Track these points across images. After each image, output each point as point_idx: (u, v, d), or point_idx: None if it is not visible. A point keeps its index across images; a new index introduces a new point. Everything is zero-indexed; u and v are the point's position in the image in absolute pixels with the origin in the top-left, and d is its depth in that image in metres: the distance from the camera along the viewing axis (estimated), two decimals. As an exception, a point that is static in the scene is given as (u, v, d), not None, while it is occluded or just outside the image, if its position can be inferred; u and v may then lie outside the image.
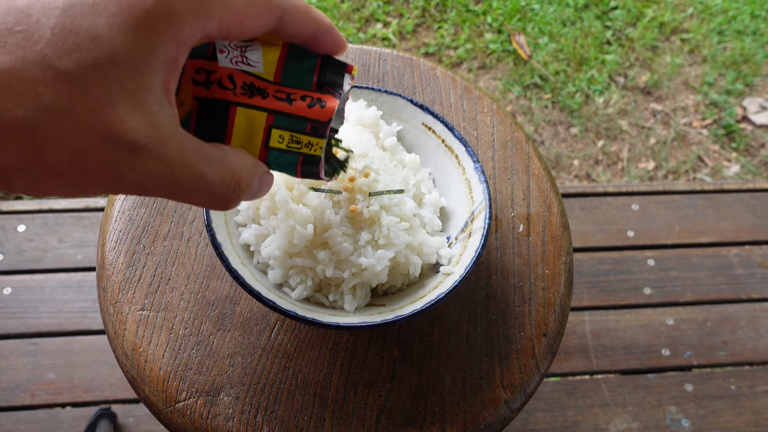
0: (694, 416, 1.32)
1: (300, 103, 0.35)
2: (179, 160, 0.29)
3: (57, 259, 1.38)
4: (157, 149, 0.28)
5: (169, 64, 0.28)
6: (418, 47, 2.04)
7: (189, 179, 0.29)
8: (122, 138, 0.26)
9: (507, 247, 0.66)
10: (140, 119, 0.27)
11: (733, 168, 1.84)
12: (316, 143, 0.36)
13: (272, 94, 0.35)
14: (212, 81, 0.34)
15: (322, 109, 0.35)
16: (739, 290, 1.47)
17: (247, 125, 0.35)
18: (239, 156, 0.33)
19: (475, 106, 0.75)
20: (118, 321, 0.60)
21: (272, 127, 0.35)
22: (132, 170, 0.27)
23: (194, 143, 0.30)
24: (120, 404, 1.25)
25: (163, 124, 0.28)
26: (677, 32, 2.14)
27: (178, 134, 0.29)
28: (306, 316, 0.52)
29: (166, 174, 0.28)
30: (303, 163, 0.36)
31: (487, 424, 0.57)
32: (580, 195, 1.56)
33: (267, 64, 0.35)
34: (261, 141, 0.35)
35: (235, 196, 0.33)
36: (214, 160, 0.31)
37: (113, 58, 0.26)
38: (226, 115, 0.34)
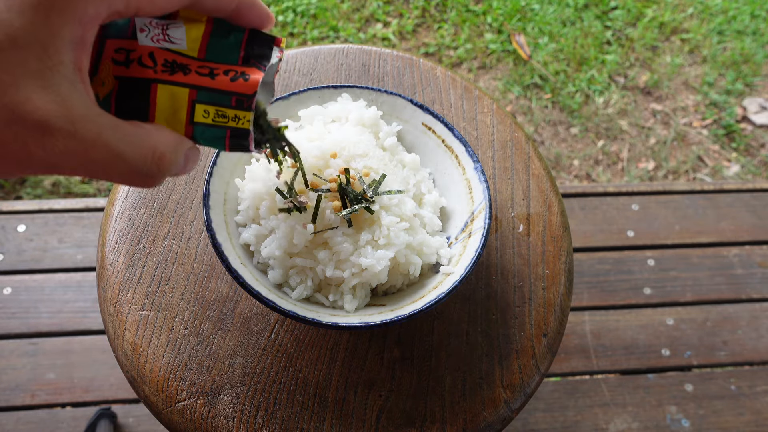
0: (694, 416, 1.32)
1: (223, 78, 0.35)
2: (94, 138, 0.28)
3: (57, 259, 1.38)
4: (68, 128, 0.27)
5: (77, 42, 0.28)
6: (418, 47, 2.04)
7: (105, 157, 0.29)
8: (29, 118, 0.26)
9: (507, 247, 0.66)
10: (48, 99, 0.27)
11: (733, 168, 1.84)
12: (243, 116, 0.35)
13: (195, 70, 0.35)
14: (132, 60, 0.34)
15: (245, 83, 0.35)
16: (739, 290, 1.47)
17: (170, 102, 0.34)
18: (160, 133, 0.33)
19: (475, 106, 0.75)
20: (118, 321, 0.60)
21: (195, 102, 0.35)
22: (42, 149, 0.27)
23: (110, 122, 0.30)
24: (120, 404, 1.25)
25: (74, 103, 0.28)
26: (677, 32, 2.14)
27: (91, 113, 0.29)
28: (306, 316, 0.52)
29: (80, 152, 0.28)
30: (231, 137, 0.36)
31: (487, 424, 0.57)
32: (580, 195, 1.56)
33: (191, 40, 0.35)
34: (185, 117, 0.35)
35: (158, 174, 0.32)
36: (134, 138, 0.31)
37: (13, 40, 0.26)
38: (147, 93, 0.34)
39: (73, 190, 1.65)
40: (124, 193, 0.67)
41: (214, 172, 0.59)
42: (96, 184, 1.67)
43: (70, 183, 1.65)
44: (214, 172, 0.59)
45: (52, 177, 1.65)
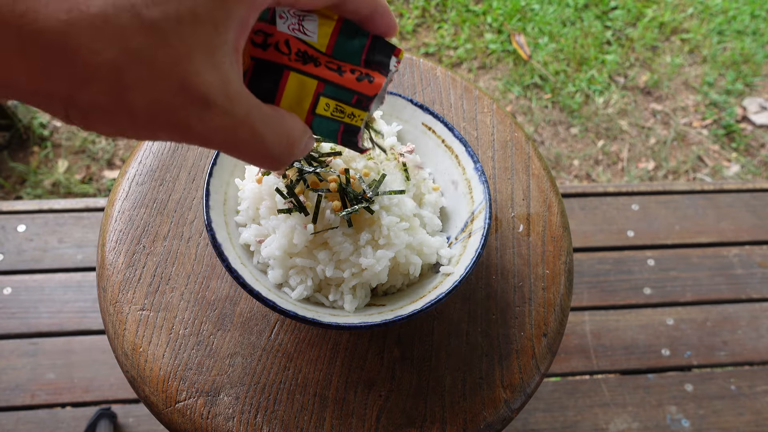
0: (694, 416, 1.32)
1: (349, 76, 0.37)
2: (243, 118, 0.30)
3: (57, 259, 1.38)
4: (225, 105, 0.29)
5: (242, 24, 0.30)
6: (418, 47, 2.04)
7: (249, 138, 0.31)
8: (196, 90, 0.28)
9: (507, 247, 0.66)
10: (213, 75, 0.28)
11: (733, 168, 1.84)
12: (359, 114, 0.37)
13: (324, 64, 0.36)
14: (269, 44, 0.35)
15: (370, 84, 0.37)
16: (739, 290, 1.47)
17: (298, 90, 0.36)
18: (294, 120, 0.35)
19: (475, 106, 0.75)
20: (118, 321, 0.60)
21: (320, 95, 0.36)
22: (201, 122, 0.29)
23: (256, 102, 0.31)
24: (120, 404, 1.25)
25: (232, 80, 0.30)
26: (677, 32, 2.14)
27: (244, 93, 0.30)
28: (306, 316, 0.52)
29: (230, 130, 0.30)
30: (344, 131, 0.38)
31: (487, 424, 0.57)
32: (580, 195, 1.56)
33: (321, 35, 0.36)
34: (309, 106, 0.37)
35: (287, 159, 0.34)
36: (273, 122, 0.33)
37: (195, 14, 0.27)
38: (279, 77, 0.36)
39: (73, 190, 1.65)
40: (124, 193, 0.67)
41: (214, 172, 0.59)
42: (96, 184, 1.67)
43: (70, 183, 1.66)
44: (214, 172, 0.59)
45: (52, 177, 1.65)
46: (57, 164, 1.69)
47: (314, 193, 0.56)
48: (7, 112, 1.67)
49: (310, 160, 0.57)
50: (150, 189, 0.67)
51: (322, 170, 0.57)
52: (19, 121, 1.71)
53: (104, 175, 1.70)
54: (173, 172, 0.69)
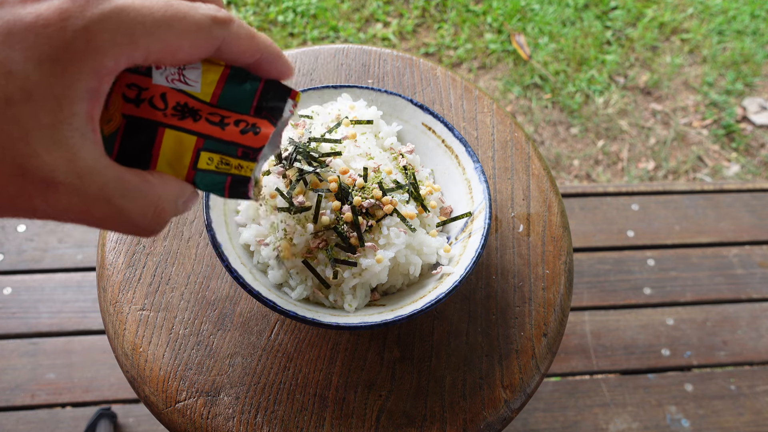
0: (694, 416, 1.32)
1: (233, 129, 0.34)
2: (97, 194, 0.28)
3: (57, 259, 1.38)
4: (73, 183, 0.27)
5: (92, 93, 0.28)
6: (418, 47, 2.04)
7: (107, 213, 0.29)
8: (36, 174, 0.26)
9: (507, 247, 0.66)
10: (57, 154, 0.26)
11: (733, 168, 1.84)
12: (246, 165, 0.35)
13: (205, 117, 0.34)
14: (143, 99, 0.33)
15: (255, 136, 0.34)
16: (739, 290, 1.47)
17: (176, 147, 0.34)
18: (165, 186, 0.33)
19: (475, 106, 0.75)
20: (118, 321, 0.60)
21: (201, 150, 0.34)
22: (46, 203, 0.27)
23: (115, 174, 0.29)
24: (120, 404, 1.25)
25: (83, 157, 0.27)
26: (677, 32, 2.14)
27: (98, 166, 0.28)
28: (306, 316, 0.52)
29: (83, 208, 0.28)
30: (232, 183, 0.35)
31: (487, 424, 0.57)
32: (580, 195, 1.56)
33: (206, 84, 0.34)
34: (189, 162, 0.34)
35: (157, 228, 0.32)
36: (137, 195, 0.30)
37: (28, 93, 0.26)
38: (153, 135, 0.33)
39: (73, 190, 1.65)
40: (124, 193, 0.67)
41: (214, 172, 0.59)
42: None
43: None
44: (214, 172, 0.59)
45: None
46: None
47: (314, 193, 0.56)
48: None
49: (310, 160, 0.57)
50: (150, 189, 0.67)
51: (322, 170, 0.57)
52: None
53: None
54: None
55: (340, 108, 0.64)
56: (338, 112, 0.64)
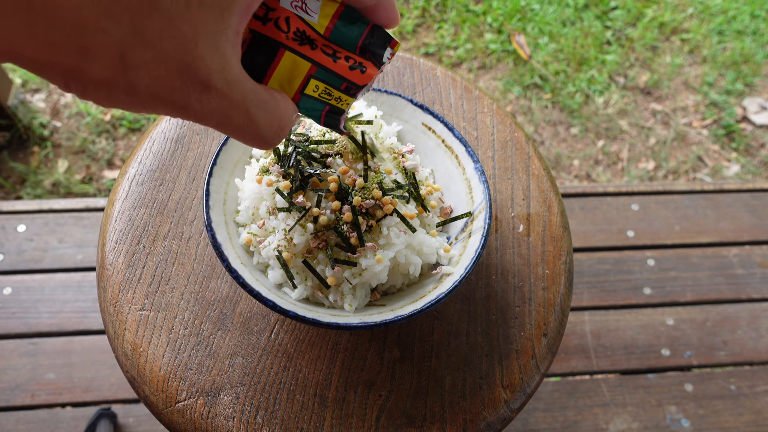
0: (694, 416, 1.32)
1: (343, 63, 0.37)
2: (239, 101, 0.31)
3: (57, 259, 1.38)
4: (223, 89, 0.30)
5: (245, 9, 0.31)
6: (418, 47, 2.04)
7: (243, 121, 0.32)
8: (198, 74, 0.29)
9: (507, 247, 0.66)
10: (216, 59, 0.29)
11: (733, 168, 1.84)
12: (346, 99, 0.38)
13: (320, 47, 0.37)
14: (270, 18, 0.36)
15: (362, 74, 0.37)
16: (739, 290, 1.47)
17: (290, 69, 0.37)
18: (287, 105, 0.36)
19: (475, 106, 0.75)
20: (118, 321, 0.60)
21: (312, 77, 0.37)
22: (199, 103, 0.30)
23: (253, 86, 0.32)
24: (120, 404, 1.25)
25: (232, 65, 0.31)
26: (677, 32, 2.14)
27: (242, 77, 0.32)
28: (306, 316, 0.52)
29: (226, 112, 0.31)
30: (329, 111, 0.39)
31: (487, 424, 0.57)
32: (580, 195, 1.56)
33: (322, 16, 0.36)
34: (299, 86, 0.37)
35: (276, 141, 0.35)
36: (267, 107, 0.34)
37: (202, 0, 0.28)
38: (274, 54, 0.36)
39: (73, 190, 1.65)
40: (124, 193, 0.67)
41: (214, 172, 0.59)
42: (96, 184, 1.67)
43: (70, 183, 1.66)
44: (214, 172, 0.59)
45: (52, 177, 1.65)
46: (57, 164, 1.69)
47: (314, 193, 0.56)
48: (7, 112, 1.67)
49: (310, 160, 0.57)
50: (150, 189, 0.67)
51: (322, 170, 0.57)
52: (19, 121, 1.70)
53: (104, 175, 1.70)
54: (173, 172, 0.69)
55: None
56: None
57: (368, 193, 0.56)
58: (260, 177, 0.58)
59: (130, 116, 1.79)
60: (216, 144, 0.71)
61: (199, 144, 0.71)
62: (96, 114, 1.79)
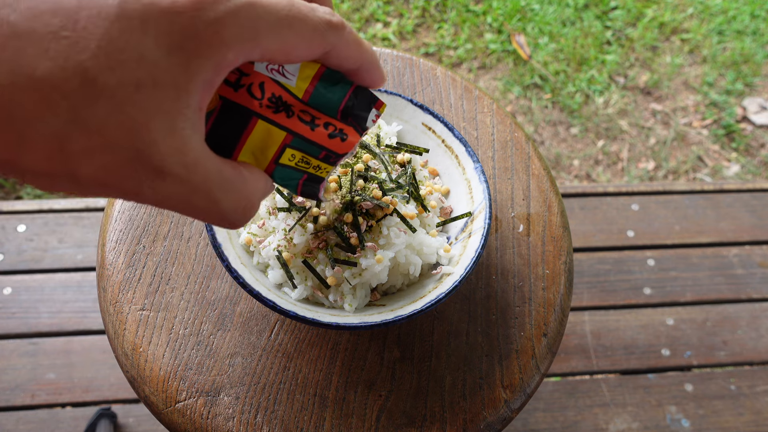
0: (694, 416, 1.32)
1: (322, 131, 0.35)
2: (199, 185, 0.29)
3: (57, 259, 1.38)
4: (181, 174, 0.28)
5: (206, 86, 0.28)
6: (418, 47, 2.04)
7: (204, 205, 0.30)
8: (151, 161, 0.27)
9: (507, 247, 0.66)
10: (171, 143, 0.27)
11: (733, 168, 1.84)
12: (325, 168, 0.36)
13: (297, 114, 0.34)
14: (242, 84, 0.33)
15: (341, 143, 0.35)
16: (739, 290, 1.47)
17: (264, 138, 0.34)
18: (256, 182, 0.33)
19: (475, 106, 0.75)
20: (118, 321, 0.60)
21: (287, 146, 0.34)
22: (153, 190, 0.28)
23: (217, 166, 0.30)
24: (120, 404, 1.25)
25: (192, 148, 0.28)
26: (677, 32, 2.14)
27: (203, 158, 0.29)
28: (306, 316, 0.52)
29: (184, 198, 0.29)
30: (306, 180, 0.36)
31: (487, 424, 0.57)
32: (580, 195, 1.56)
33: (301, 79, 0.34)
34: (273, 156, 0.35)
35: (243, 221, 0.33)
36: (233, 188, 0.31)
37: (155, 80, 0.26)
38: (246, 123, 0.34)
39: (73, 190, 1.65)
40: (124, 193, 0.67)
41: (214, 172, 0.59)
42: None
43: (70, 183, 1.65)
44: (214, 172, 0.59)
45: (52, 177, 1.65)
46: (57, 164, 1.69)
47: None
48: (7, 112, 1.67)
49: None
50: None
51: None
52: (19, 121, 1.70)
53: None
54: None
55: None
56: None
57: (368, 193, 0.56)
58: None
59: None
60: (216, 144, 0.71)
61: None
62: (96, 114, 1.79)
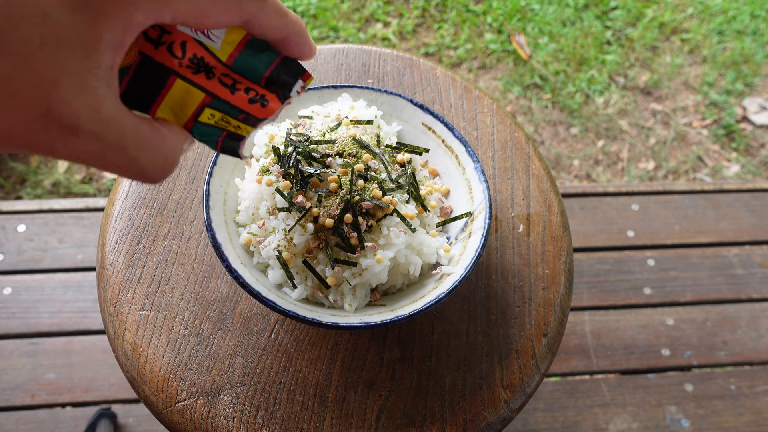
0: (694, 416, 1.32)
1: (242, 95, 0.34)
2: (115, 142, 0.29)
3: (57, 259, 1.38)
4: (94, 131, 0.28)
5: (116, 46, 0.28)
6: (418, 47, 2.04)
7: (121, 161, 0.30)
8: (62, 118, 0.27)
9: (507, 247, 0.66)
10: (83, 101, 0.27)
11: (733, 168, 1.84)
12: (245, 128, 0.36)
13: (218, 77, 0.34)
14: (163, 42, 0.33)
15: (261, 108, 0.35)
16: (739, 290, 1.47)
17: (182, 97, 0.34)
18: (175, 138, 0.33)
19: (475, 106, 0.75)
20: (118, 321, 0.60)
21: (206, 106, 0.34)
22: (66, 147, 0.28)
23: (133, 125, 0.30)
24: (120, 404, 1.25)
25: (105, 105, 0.28)
26: (677, 32, 2.14)
27: (118, 115, 0.29)
28: (306, 316, 0.52)
29: (99, 154, 0.29)
30: (226, 137, 0.36)
31: (487, 423, 0.57)
32: (580, 195, 1.56)
33: (226, 43, 0.34)
34: (191, 113, 0.35)
35: (163, 176, 0.33)
36: (150, 145, 0.31)
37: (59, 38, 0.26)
38: (164, 81, 0.34)
39: (73, 190, 1.65)
40: (124, 193, 0.67)
41: (214, 172, 0.59)
42: (96, 184, 1.67)
43: (70, 183, 1.65)
44: (214, 172, 0.59)
45: (52, 177, 1.65)
46: (57, 164, 1.69)
47: (314, 193, 0.56)
48: (7, 112, 1.67)
49: (310, 160, 0.57)
50: (150, 189, 0.67)
51: (322, 170, 0.57)
52: (19, 121, 1.70)
53: (104, 175, 1.70)
54: (173, 172, 0.69)
55: (340, 108, 0.64)
56: (338, 112, 0.64)
57: (368, 193, 0.56)
58: (260, 177, 0.58)
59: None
60: (216, 144, 0.71)
61: (200, 144, 0.71)
62: (96, 114, 1.79)
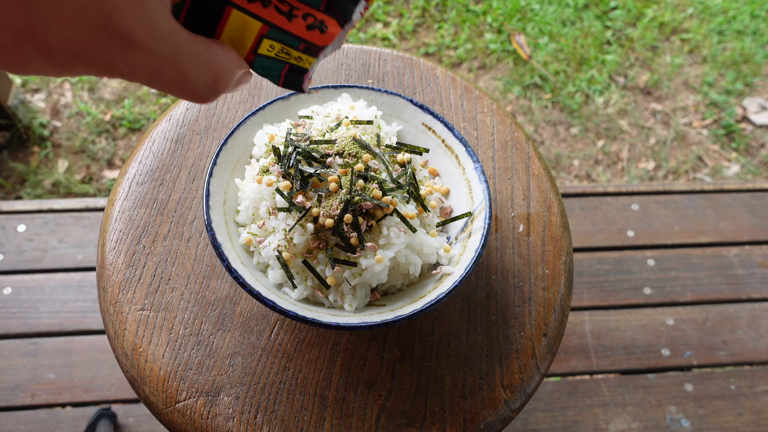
0: (694, 416, 1.32)
1: (300, 22, 0.33)
2: (169, 56, 0.29)
3: (57, 259, 1.38)
4: (150, 44, 0.28)
5: None
6: (418, 47, 2.04)
7: (174, 76, 0.30)
8: (119, 30, 0.27)
9: (507, 247, 0.66)
10: (138, 13, 0.27)
11: (733, 168, 1.84)
12: (306, 59, 0.35)
13: (274, 4, 0.33)
14: None
15: (321, 34, 0.34)
16: (739, 290, 1.47)
17: (240, 28, 0.33)
18: (228, 56, 0.33)
19: (475, 106, 0.75)
20: (118, 321, 0.60)
21: (264, 37, 0.34)
22: (124, 60, 0.28)
23: (186, 39, 0.30)
24: (120, 404, 1.25)
25: (158, 18, 0.28)
26: (677, 32, 2.14)
27: (172, 30, 0.29)
28: (306, 316, 0.52)
29: (154, 68, 0.29)
30: (288, 71, 0.35)
31: (487, 423, 0.57)
32: (580, 195, 1.56)
33: None
34: (250, 45, 0.34)
35: (212, 96, 0.33)
36: (202, 60, 0.31)
37: None
38: (220, 13, 0.33)
39: (73, 190, 1.65)
40: (124, 193, 0.67)
41: (214, 172, 0.59)
42: (96, 184, 1.67)
43: (70, 183, 1.66)
44: (214, 172, 0.59)
45: (52, 177, 1.65)
46: (57, 164, 1.69)
47: (314, 193, 0.56)
48: (7, 112, 1.67)
49: (310, 160, 0.57)
50: (150, 189, 0.67)
51: (322, 170, 0.57)
52: (19, 121, 1.70)
53: (104, 175, 1.70)
54: (173, 172, 0.69)
55: (340, 108, 0.64)
56: (338, 112, 0.64)
57: (368, 193, 0.56)
58: (260, 177, 0.58)
59: (130, 116, 1.79)
60: (216, 144, 0.71)
61: (199, 144, 0.71)
62: (96, 114, 1.79)
